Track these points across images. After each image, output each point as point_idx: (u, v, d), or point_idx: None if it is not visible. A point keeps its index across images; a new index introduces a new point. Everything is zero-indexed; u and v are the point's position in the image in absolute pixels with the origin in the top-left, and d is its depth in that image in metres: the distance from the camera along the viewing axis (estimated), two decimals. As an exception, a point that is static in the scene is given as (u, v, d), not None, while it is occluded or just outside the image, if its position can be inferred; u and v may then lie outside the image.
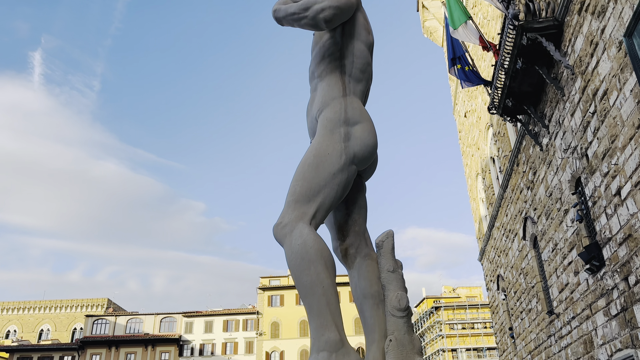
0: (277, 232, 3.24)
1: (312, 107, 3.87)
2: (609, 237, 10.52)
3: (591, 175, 11.19)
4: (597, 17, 10.12)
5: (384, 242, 3.55)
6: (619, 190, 9.88)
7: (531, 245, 17.27)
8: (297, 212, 3.23)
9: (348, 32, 3.78)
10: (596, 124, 10.63)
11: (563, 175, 13.07)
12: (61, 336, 72.86)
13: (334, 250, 3.68)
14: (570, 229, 12.97)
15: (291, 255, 3.08)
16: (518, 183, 17.93)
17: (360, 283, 3.46)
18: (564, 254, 13.66)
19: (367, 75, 3.88)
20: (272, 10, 3.81)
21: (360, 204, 3.77)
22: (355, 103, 3.68)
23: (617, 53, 9.36)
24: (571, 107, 11.96)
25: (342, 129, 3.52)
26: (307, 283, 2.97)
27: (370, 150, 3.57)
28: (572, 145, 12.16)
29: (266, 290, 58.76)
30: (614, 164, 9.94)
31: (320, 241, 3.10)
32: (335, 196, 3.36)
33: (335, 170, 3.37)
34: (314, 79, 3.93)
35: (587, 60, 10.78)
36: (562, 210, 13.50)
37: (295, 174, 3.45)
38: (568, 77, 11.92)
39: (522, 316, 19.48)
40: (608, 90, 9.91)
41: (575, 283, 13.02)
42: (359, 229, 3.69)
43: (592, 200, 11.32)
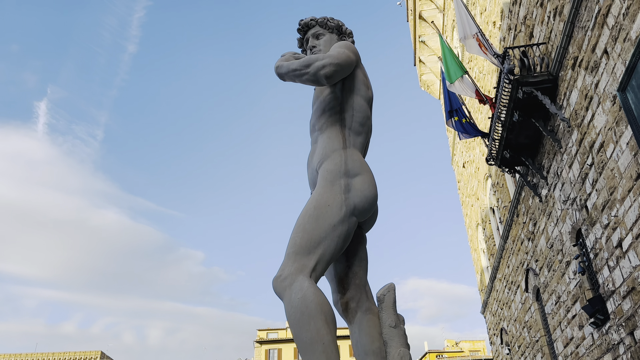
0: (276, 285, 3.19)
1: (312, 159, 3.91)
2: (612, 290, 10.37)
3: (591, 226, 11.16)
4: (590, 72, 10.39)
5: (386, 296, 3.49)
6: (620, 242, 9.82)
7: (534, 297, 16.99)
8: (297, 264, 3.19)
9: (348, 87, 3.88)
10: (594, 175, 10.70)
11: (563, 227, 13.03)
12: (51, 391, 70.24)
13: (334, 303, 3.62)
14: (573, 281, 12.80)
15: (291, 309, 3.02)
16: (518, 234, 17.85)
17: (362, 339, 3.38)
18: (568, 307, 13.42)
19: (366, 128, 3.95)
20: (275, 66, 3.92)
21: (361, 255, 3.74)
22: (356, 155, 3.73)
23: (612, 107, 9.55)
24: (569, 159, 12.08)
25: (343, 181, 3.54)
26: (306, 339, 2.89)
27: (371, 202, 3.58)
28: (571, 197, 12.19)
29: (263, 344, 57.23)
30: (614, 216, 9.93)
31: (320, 295, 3.05)
32: (335, 248, 3.34)
33: (336, 222, 3.36)
34: (315, 132, 3.99)
35: (582, 114, 10.98)
36: (563, 262, 13.37)
37: (295, 225, 3.45)
38: (564, 129, 12.11)
39: (527, 372, 18.90)
40: (604, 142, 10.04)
41: (580, 337, 12.72)
42: (359, 281, 3.65)
43: (593, 252, 11.24)
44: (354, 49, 3.88)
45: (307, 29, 4.20)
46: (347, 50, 3.77)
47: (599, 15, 9.65)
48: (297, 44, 4.31)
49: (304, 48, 4.28)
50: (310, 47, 4.13)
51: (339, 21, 4.28)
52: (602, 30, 9.62)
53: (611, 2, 9.14)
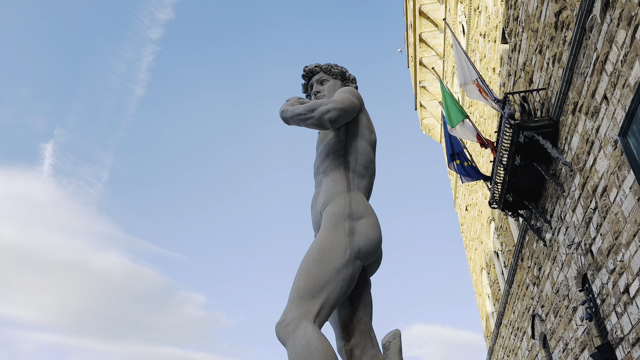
0: (279, 331, 3.12)
1: (316, 201, 3.91)
2: (621, 337, 10.13)
3: (597, 271, 11.01)
4: (590, 117, 10.51)
5: (391, 343, 3.41)
6: (627, 287, 9.67)
7: (541, 344, 16.59)
8: (300, 309, 3.13)
9: (352, 131, 3.93)
10: (598, 220, 10.65)
11: (569, 272, 12.87)
12: None
13: (339, 350, 3.54)
14: (581, 328, 12.53)
15: (294, 356, 2.95)
16: (524, 279, 17.61)
17: (367, 387, 3.28)
18: (576, 355, 13.07)
19: (370, 171, 3.97)
20: (280, 111, 3.99)
21: (366, 300, 3.68)
22: (360, 198, 3.73)
23: (614, 151, 9.61)
24: (572, 202, 12.05)
25: (347, 224, 3.53)
26: (310, 387, 2.81)
27: (375, 245, 3.56)
28: (575, 241, 12.09)
29: (263, 391, 55.53)
30: (620, 261, 9.82)
31: (325, 341, 2.98)
32: (340, 292, 3.28)
33: (340, 265, 3.32)
34: (319, 175, 4.01)
35: (584, 158, 11.03)
36: (570, 308, 13.13)
37: (299, 268, 3.41)
38: (567, 173, 12.14)
39: (536, 423, 18.23)
40: (607, 187, 10.05)
41: (590, 387, 12.33)
42: (364, 327, 3.57)
43: (600, 298, 11.05)
44: (358, 94, 3.95)
45: (312, 75, 4.29)
46: (350, 96, 3.84)
47: (597, 62, 9.85)
48: (301, 89, 4.39)
49: (308, 93, 4.36)
50: (314, 93, 4.22)
51: (343, 67, 4.38)
52: (601, 76, 9.80)
53: (609, 49, 9.35)
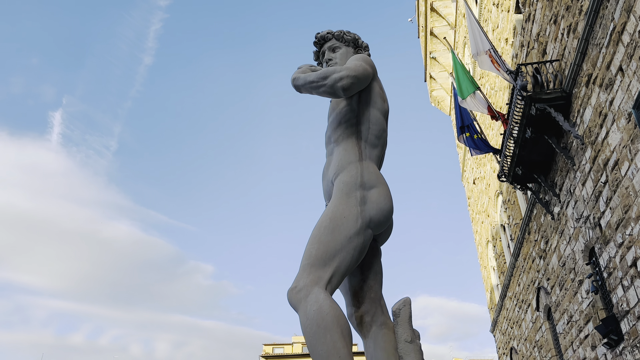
0: (291, 297, 3.15)
1: (328, 170, 3.90)
2: (627, 310, 10.19)
3: (605, 245, 11.01)
4: (604, 90, 10.34)
5: (401, 310, 3.44)
6: (634, 261, 9.67)
7: (545, 316, 16.74)
8: (312, 276, 3.16)
9: (364, 99, 3.88)
10: (608, 193, 10.59)
11: (576, 245, 12.88)
12: (55, 402, 70.07)
13: (349, 317, 3.58)
14: (586, 301, 12.61)
15: (306, 321, 2.98)
16: (530, 252, 17.66)
17: (377, 354, 3.33)
18: (580, 327, 13.20)
19: (382, 141, 3.94)
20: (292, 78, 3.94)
21: (376, 269, 3.71)
22: (372, 167, 3.72)
23: (627, 124, 9.48)
24: (582, 176, 11.97)
25: (359, 193, 3.52)
26: (322, 352, 2.85)
27: (386, 215, 3.56)
28: (584, 215, 12.06)
29: (269, 359, 56.78)
30: (629, 235, 9.80)
31: (336, 307, 3.02)
32: (351, 260, 3.30)
33: (352, 234, 3.34)
34: (331, 144, 3.99)
35: (596, 131, 10.91)
36: (576, 281, 13.19)
37: (310, 237, 3.42)
38: (578, 147, 12.03)
39: (538, 393, 18.56)
40: (619, 160, 9.95)
41: (592, 358, 12.48)
42: (374, 295, 3.60)
43: (607, 271, 11.07)
44: (371, 61, 3.89)
45: (324, 41, 4.21)
46: (364, 63, 3.78)
47: (614, 32, 9.63)
48: (313, 56, 4.33)
49: (320, 61, 4.30)
50: (326, 60, 4.15)
51: (355, 34, 4.29)
52: (617, 47, 9.59)
53: (626, 19, 9.12)
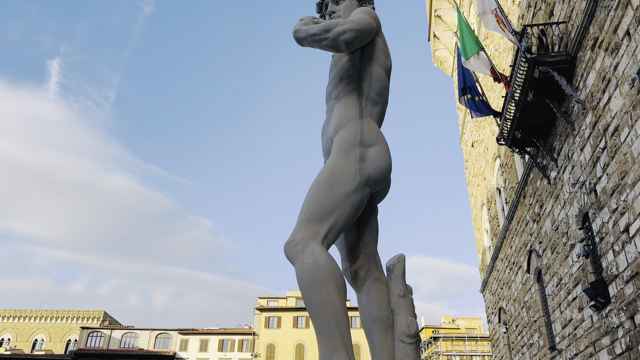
0: (288, 250, 3.20)
1: (327, 127, 3.88)
2: (616, 274, 10.40)
3: (599, 210, 11.12)
4: (610, 54, 10.19)
5: (395, 266, 3.51)
6: (627, 227, 9.80)
7: (535, 278, 17.09)
8: (309, 230, 3.20)
9: (367, 55, 3.81)
10: (606, 159, 10.61)
11: (570, 210, 13.00)
12: (55, 347, 72.10)
13: (344, 272, 3.64)
14: (576, 264, 12.84)
15: (302, 274, 3.04)
16: (524, 215, 17.84)
17: (370, 307, 3.41)
18: (569, 289, 13.50)
19: (383, 98, 3.90)
20: (293, 30, 3.85)
21: (372, 226, 3.74)
22: (372, 125, 3.70)
23: (630, 90, 9.39)
24: (581, 141, 11.96)
25: (358, 150, 3.52)
26: (317, 303, 2.92)
27: (385, 173, 3.57)
28: (580, 180, 12.12)
29: (264, 312, 58.17)
30: (623, 201, 9.88)
31: (332, 261, 3.07)
32: (348, 217, 3.34)
33: (349, 191, 3.35)
34: (331, 100, 3.95)
35: (598, 96, 10.82)
36: (568, 245, 13.39)
37: (308, 192, 3.44)
38: (579, 111, 11.96)
39: (523, 350, 19.16)
40: (619, 126, 9.92)
41: (579, 319, 12.83)
42: (369, 251, 3.66)
43: (599, 236, 11.23)
44: (375, 15, 3.79)
45: (327, -7, 4.10)
46: (368, 17, 3.69)
47: (624, -5, 9.40)
48: (315, 8, 4.23)
49: (322, 13, 4.19)
50: (329, 13, 4.04)
51: None
52: (626, 10, 9.39)
53: (637, -19, 8.89)
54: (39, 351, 67.65)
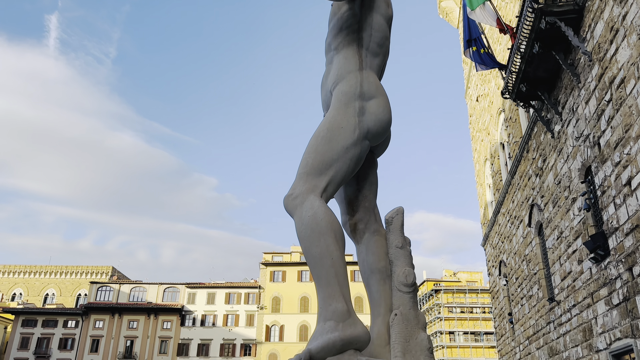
0: (287, 203, 3.23)
1: (327, 79, 3.83)
2: (616, 227, 10.48)
3: (602, 164, 11.10)
4: (619, 3, 9.90)
5: (394, 219, 3.54)
6: (629, 180, 9.80)
7: (536, 232, 17.26)
8: (308, 184, 3.21)
9: (367, 4, 3.71)
10: (611, 112, 10.50)
11: (573, 164, 12.98)
12: (65, 301, 74.18)
13: (343, 224, 3.68)
14: (577, 218, 12.93)
15: (301, 226, 3.08)
16: (527, 170, 17.83)
17: (368, 258, 3.46)
18: (569, 243, 13.65)
19: (384, 49, 3.82)
20: None
21: (372, 180, 3.75)
22: (372, 77, 3.64)
23: (638, 41, 9.18)
24: (586, 94, 11.80)
25: (357, 103, 3.48)
26: (316, 254, 2.97)
27: (384, 126, 3.54)
28: (584, 134, 12.03)
29: (269, 266, 59.32)
30: (627, 154, 9.84)
31: (330, 214, 3.10)
32: (347, 170, 3.34)
33: (348, 145, 3.34)
34: (330, 52, 3.87)
35: (605, 47, 10.59)
36: (569, 199, 13.44)
37: (307, 146, 3.43)
38: (585, 63, 11.74)
39: (523, 302, 19.58)
40: (625, 78, 9.76)
41: (578, 271, 13.03)
42: (368, 204, 3.68)
43: (601, 190, 11.25)
44: None
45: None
46: None
47: (636, -60, 9.04)
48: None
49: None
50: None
51: None
52: (638, -44, 9.05)
53: None
54: (50, 305, 69.61)
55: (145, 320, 57.41)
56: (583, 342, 12.87)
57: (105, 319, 57.39)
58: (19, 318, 57.56)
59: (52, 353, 56.13)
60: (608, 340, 11.21)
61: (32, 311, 59.08)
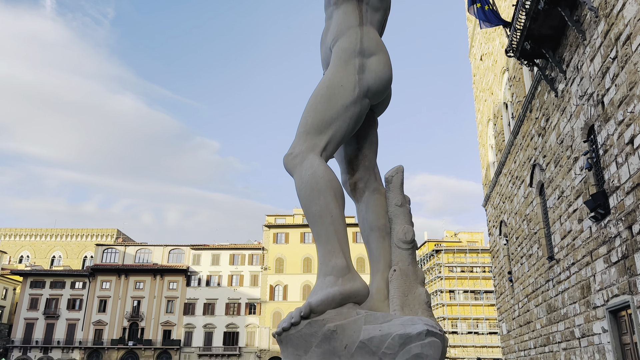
0: (287, 162, 3.23)
1: (326, 36, 3.76)
2: (617, 185, 10.50)
3: (605, 123, 11.02)
4: (628, -44, 9.60)
5: (394, 177, 3.55)
6: (632, 138, 9.75)
7: (537, 192, 17.31)
8: (308, 143, 3.20)
9: (367, -43, 3.61)
10: (616, 70, 10.34)
11: (576, 123, 12.89)
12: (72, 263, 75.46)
13: (343, 184, 3.68)
14: (579, 177, 12.94)
15: (301, 185, 3.09)
16: (529, 130, 17.73)
17: (368, 216, 3.48)
18: (570, 202, 13.71)
19: (385, 4, 3.74)
20: None
21: (372, 139, 3.73)
22: (372, 33, 3.57)
23: (646, -5, 8.95)
24: (591, 52, 11.60)
25: (357, 60, 3.43)
26: (316, 212, 2.99)
27: (385, 84, 3.50)
28: (588, 92, 11.90)
29: (272, 228, 59.95)
30: (630, 112, 9.76)
31: (330, 172, 3.11)
32: (347, 129, 3.32)
33: (348, 103, 3.31)
34: (330, 6, 3.79)
35: (612, 2, 10.33)
36: (571, 158, 13.42)
37: (307, 105, 3.41)
38: (591, 19, 11.48)
39: (522, 261, 19.84)
40: (632, 34, 9.57)
41: (578, 230, 13.15)
42: (369, 163, 3.67)
43: (603, 149, 11.22)
44: None
45: None
46: None
47: None
48: None
49: None
50: None
51: None
52: None
53: None
54: (58, 267, 70.86)
55: (151, 281, 58.53)
56: (581, 299, 13.11)
57: (111, 280, 58.51)
58: (27, 280, 58.74)
59: (61, 313, 57.54)
60: (605, 297, 11.41)
61: (40, 273, 60.18)
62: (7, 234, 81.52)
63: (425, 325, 2.60)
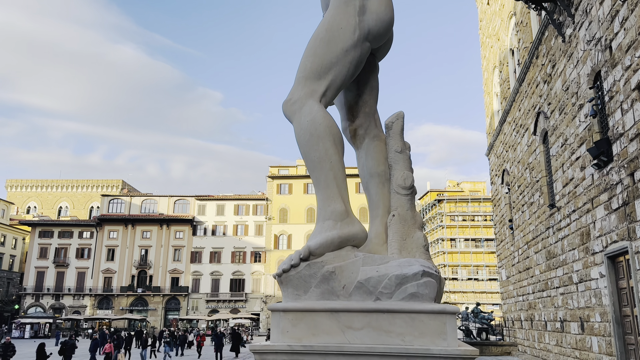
0: (286, 108, 3.21)
1: (326, -23, 3.64)
2: (621, 132, 10.43)
3: (612, 68, 10.81)
4: None
5: (394, 124, 3.53)
6: (638, 84, 9.59)
7: (541, 140, 17.23)
8: (307, 89, 3.17)
9: None
10: (625, 13, 10.04)
11: (583, 69, 12.65)
12: (79, 213, 76.57)
13: (343, 130, 3.67)
14: (583, 124, 12.83)
15: (300, 131, 3.08)
16: (535, 76, 17.44)
17: (368, 162, 3.49)
18: (573, 150, 13.66)
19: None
20: None
21: (372, 84, 3.68)
22: (373, -28, 3.46)
23: None
24: (602, -6, 11.22)
25: (357, 1, 3.34)
26: (315, 158, 3.00)
27: (386, 27, 3.42)
28: (596, 37, 11.61)
29: (275, 179, 60.27)
30: (638, 57, 9.55)
31: (329, 118, 3.09)
32: (347, 74, 3.27)
33: (348, 47, 3.25)
34: (329, -54, 3.65)
35: (626, -59, 9.91)
36: (576, 105, 13.26)
37: (306, 49, 3.34)
38: (603, -40, 11.05)
39: (524, 209, 20.00)
40: (644, -25, 9.22)
41: (580, 178, 13.17)
42: (369, 110, 3.64)
43: (609, 95, 11.06)
44: None
45: None
46: None
47: None
48: None
49: None
50: None
51: None
52: None
53: None
54: (65, 217, 71.93)
55: (158, 230, 59.52)
56: (580, 245, 13.30)
57: (119, 229, 59.54)
58: (36, 229, 59.83)
59: (70, 262, 58.95)
60: (604, 243, 11.57)
61: (48, 223, 61.22)
62: (13, 185, 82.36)
63: (421, 266, 2.66)
